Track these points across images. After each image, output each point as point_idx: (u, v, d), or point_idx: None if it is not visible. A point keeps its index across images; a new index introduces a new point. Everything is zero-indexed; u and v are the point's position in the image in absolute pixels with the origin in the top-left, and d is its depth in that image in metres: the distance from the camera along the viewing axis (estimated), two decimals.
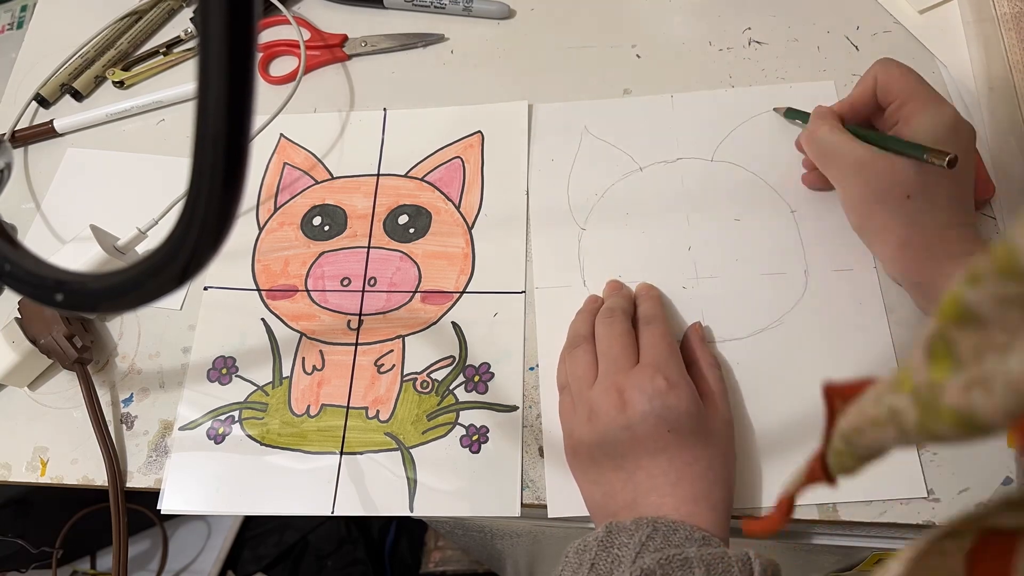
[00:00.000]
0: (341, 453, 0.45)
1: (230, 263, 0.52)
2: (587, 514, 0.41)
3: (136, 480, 0.46)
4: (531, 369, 0.46)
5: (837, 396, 0.23)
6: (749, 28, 0.54)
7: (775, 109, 0.50)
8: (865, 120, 0.44)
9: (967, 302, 0.14)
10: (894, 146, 0.40)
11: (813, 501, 0.40)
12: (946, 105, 0.40)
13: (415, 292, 0.49)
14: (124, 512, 0.45)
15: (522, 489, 0.42)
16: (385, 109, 0.56)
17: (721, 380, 0.42)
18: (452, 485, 0.43)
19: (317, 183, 0.54)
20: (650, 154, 0.51)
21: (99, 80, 0.62)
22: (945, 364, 0.16)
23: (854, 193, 0.42)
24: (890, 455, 0.20)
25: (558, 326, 0.46)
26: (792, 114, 0.49)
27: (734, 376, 0.44)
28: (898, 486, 0.40)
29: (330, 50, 0.58)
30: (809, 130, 0.44)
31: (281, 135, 0.56)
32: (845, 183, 0.42)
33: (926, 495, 0.39)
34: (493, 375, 0.46)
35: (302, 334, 0.49)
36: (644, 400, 0.38)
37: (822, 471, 0.23)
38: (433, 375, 0.46)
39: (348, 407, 0.46)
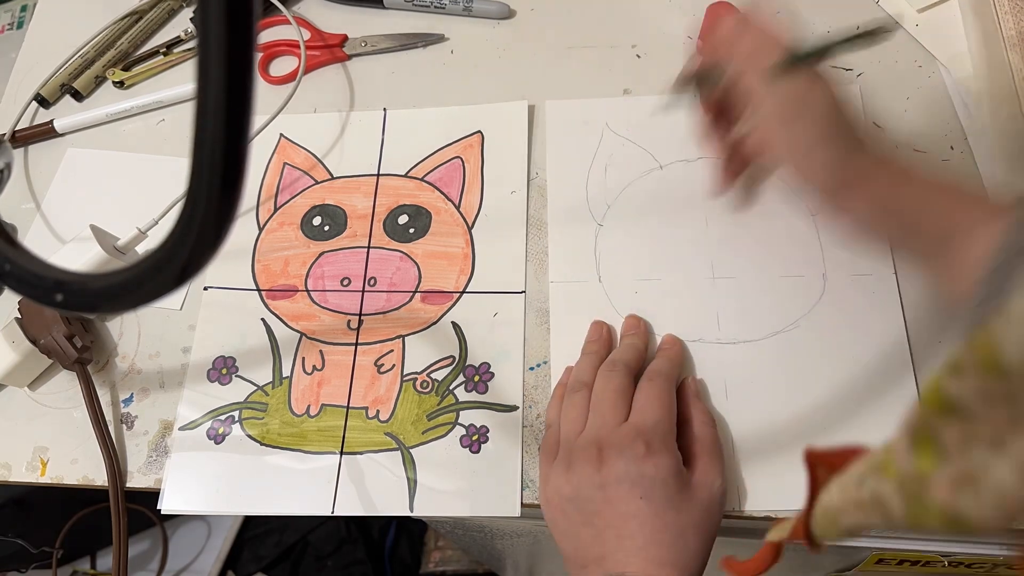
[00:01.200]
0: (341, 453, 0.45)
1: (230, 263, 0.52)
2: None
3: (136, 480, 0.46)
4: (531, 369, 0.46)
5: (819, 463, 0.23)
6: None
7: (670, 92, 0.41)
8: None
9: (950, 394, 0.14)
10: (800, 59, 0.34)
11: None
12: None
13: (415, 292, 0.49)
14: (124, 512, 0.45)
15: (523, 489, 0.42)
16: (385, 109, 0.56)
17: (715, 441, 0.40)
18: (452, 485, 0.43)
19: (317, 183, 0.54)
20: (671, 152, 0.51)
21: (99, 80, 0.62)
22: (930, 453, 0.15)
23: (790, 125, 0.35)
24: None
25: (572, 322, 0.46)
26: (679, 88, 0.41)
27: (747, 376, 0.43)
28: None
29: (330, 50, 0.58)
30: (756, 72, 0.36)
31: (281, 135, 0.56)
32: (775, 109, 0.35)
33: None
34: (493, 375, 0.46)
35: (302, 334, 0.48)
36: (620, 463, 0.37)
37: (806, 537, 0.23)
38: (433, 375, 0.46)
39: (348, 407, 0.46)
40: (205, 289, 0.51)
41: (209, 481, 0.45)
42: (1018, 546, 0.20)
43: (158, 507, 0.45)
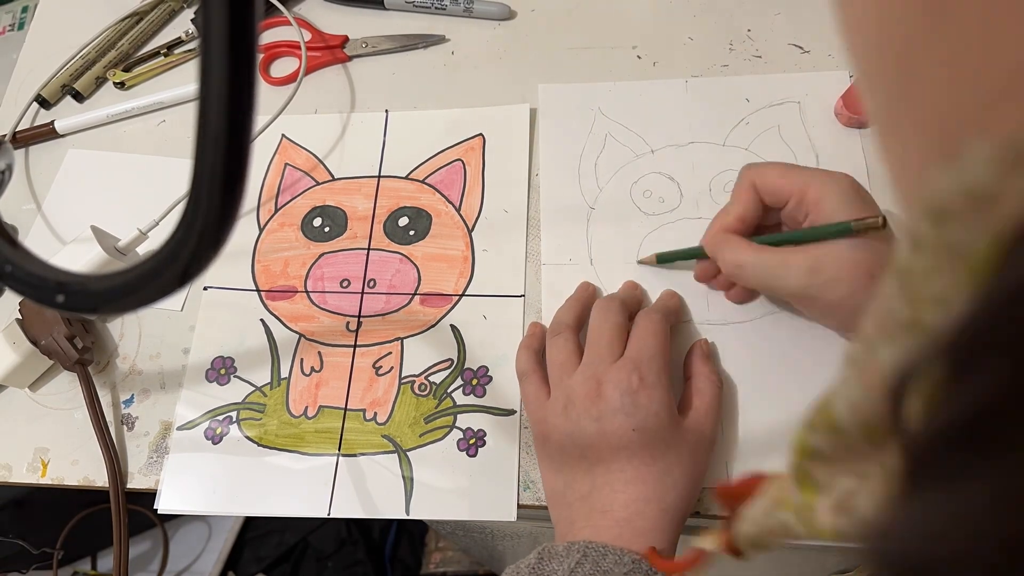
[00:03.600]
0: (338, 455, 0.45)
1: (230, 263, 0.52)
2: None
3: (137, 481, 0.46)
4: None
5: (730, 497, 0.26)
6: (750, 29, 0.54)
7: (639, 262, 0.47)
8: (757, 227, 0.41)
9: (811, 444, 0.18)
10: (825, 233, 0.37)
11: None
12: (835, 174, 0.38)
13: (414, 294, 0.49)
14: (125, 513, 0.45)
15: (523, 490, 0.42)
16: (387, 111, 0.56)
17: (715, 398, 0.40)
18: (449, 488, 0.43)
19: (318, 184, 0.54)
20: (662, 137, 0.51)
21: (100, 81, 0.62)
22: (810, 488, 0.19)
23: (818, 299, 0.38)
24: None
25: (561, 304, 0.46)
26: (666, 258, 0.45)
27: (736, 358, 0.44)
28: None
29: (331, 51, 0.58)
30: (729, 261, 0.40)
31: (283, 136, 0.56)
32: (799, 290, 0.38)
33: None
34: (491, 378, 0.46)
35: (301, 335, 0.48)
36: (616, 395, 0.38)
37: (732, 551, 0.26)
38: (431, 378, 0.46)
39: (346, 409, 0.46)
40: (205, 289, 0.51)
41: (206, 481, 0.45)
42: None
43: (155, 507, 0.45)
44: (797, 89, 0.51)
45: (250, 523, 1.11)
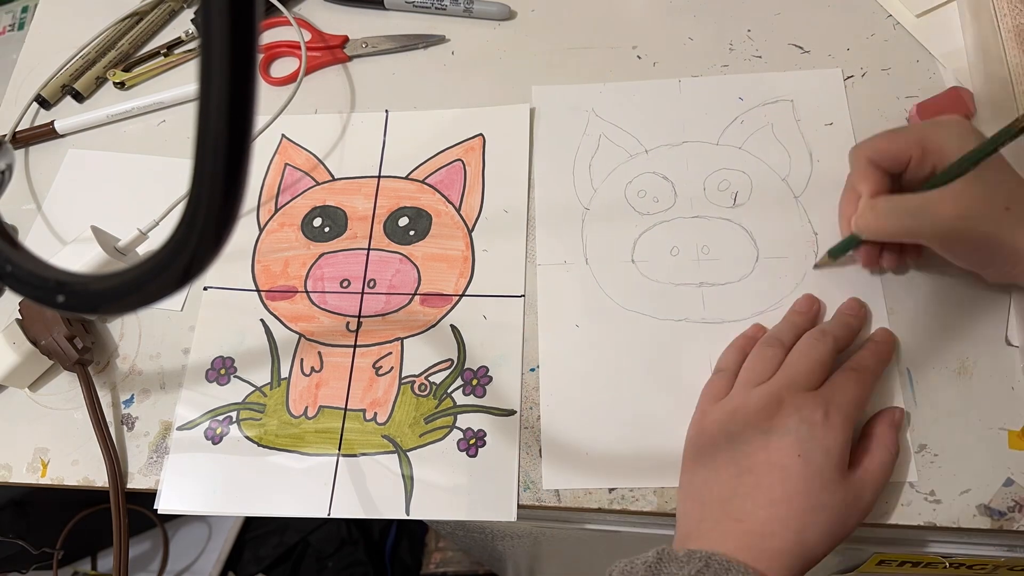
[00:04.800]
0: (338, 455, 0.45)
1: (230, 263, 0.52)
2: (587, 506, 0.41)
3: (137, 481, 0.46)
4: (531, 370, 0.46)
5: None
6: (750, 29, 0.54)
7: (816, 266, 0.45)
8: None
9: None
10: (967, 163, 0.36)
11: None
12: (942, 120, 0.39)
13: (414, 294, 0.49)
14: (125, 513, 0.45)
15: (523, 490, 0.42)
16: (387, 111, 0.56)
17: (887, 466, 0.38)
18: (449, 488, 0.43)
19: (318, 184, 0.54)
20: (656, 137, 0.51)
21: (100, 81, 0.62)
22: None
23: (956, 232, 0.38)
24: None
25: (557, 304, 0.47)
26: (836, 251, 0.44)
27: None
28: (899, 485, 0.40)
29: (331, 51, 0.58)
30: (882, 213, 0.39)
31: (283, 136, 0.56)
32: (953, 240, 0.39)
33: (926, 495, 0.39)
34: (491, 378, 0.46)
35: (301, 335, 0.48)
36: (794, 420, 0.37)
37: None
38: (431, 378, 0.46)
39: (346, 409, 0.46)
40: (205, 289, 0.51)
41: (206, 481, 0.45)
42: None
43: (155, 507, 0.45)
44: (789, 87, 0.51)
45: (250, 523, 1.11)
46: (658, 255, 0.47)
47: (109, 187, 0.57)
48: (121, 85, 0.61)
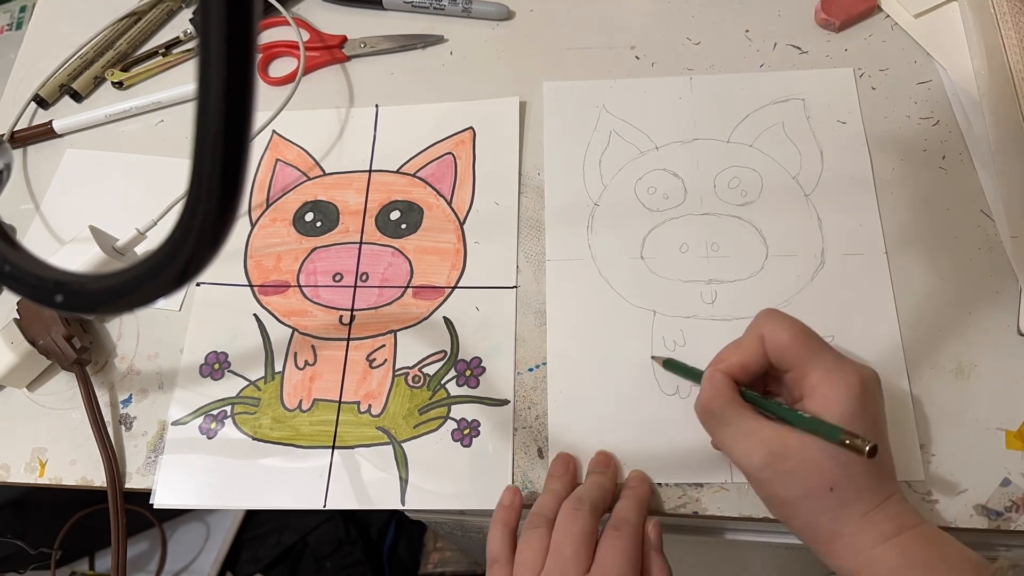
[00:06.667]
0: (333, 447, 0.45)
1: (222, 259, 0.51)
2: None
3: (135, 481, 0.46)
4: (531, 370, 0.46)
5: None
6: (748, 30, 0.54)
7: (653, 358, 0.45)
8: (760, 379, 0.40)
9: None
10: (805, 425, 0.35)
11: None
12: (849, 369, 0.36)
13: (407, 287, 0.49)
14: (123, 513, 0.45)
15: (523, 491, 0.42)
16: (377, 105, 0.56)
17: None
18: (443, 479, 0.43)
19: (309, 179, 0.54)
20: (667, 134, 0.51)
21: (98, 81, 0.62)
22: None
23: (769, 485, 0.36)
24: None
25: (566, 300, 0.47)
26: (673, 366, 0.43)
27: None
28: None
29: (329, 51, 0.58)
30: (704, 400, 0.38)
31: (274, 132, 0.56)
32: (754, 470, 0.36)
33: (923, 495, 0.39)
34: (484, 369, 0.46)
35: (294, 329, 0.49)
36: None
37: None
38: (425, 370, 0.46)
39: (340, 402, 0.46)
40: (197, 285, 0.51)
41: (201, 475, 0.45)
42: None
43: (150, 502, 0.45)
44: (801, 86, 0.51)
45: (248, 523, 1.11)
46: (667, 252, 0.47)
47: (107, 187, 0.56)
48: (119, 85, 0.61)
